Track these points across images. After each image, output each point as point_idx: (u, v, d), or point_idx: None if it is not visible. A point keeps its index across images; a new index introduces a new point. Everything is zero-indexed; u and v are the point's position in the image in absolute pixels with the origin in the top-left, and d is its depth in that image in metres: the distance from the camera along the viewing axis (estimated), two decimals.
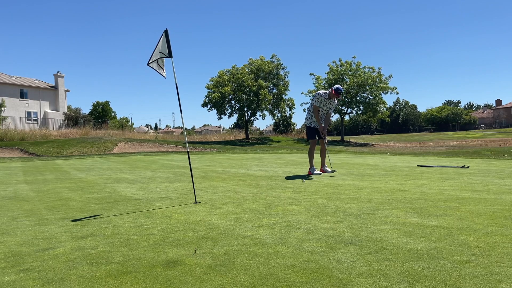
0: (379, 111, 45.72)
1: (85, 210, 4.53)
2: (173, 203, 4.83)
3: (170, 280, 2.22)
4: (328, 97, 7.92)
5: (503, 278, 2.07)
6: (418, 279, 2.10)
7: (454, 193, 4.90)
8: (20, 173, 10.66)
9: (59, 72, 50.88)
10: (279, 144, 38.31)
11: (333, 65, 45.01)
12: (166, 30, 5.05)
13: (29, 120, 46.68)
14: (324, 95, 7.95)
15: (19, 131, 34.06)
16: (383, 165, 10.00)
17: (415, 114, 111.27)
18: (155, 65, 5.00)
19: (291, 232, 3.17)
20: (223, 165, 11.80)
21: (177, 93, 5.23)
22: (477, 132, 70.04)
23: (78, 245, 2.99)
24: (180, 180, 7.64)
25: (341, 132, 49.30)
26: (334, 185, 6.01)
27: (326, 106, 8.02)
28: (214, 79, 41.57)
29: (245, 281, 2.16)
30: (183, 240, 3.05)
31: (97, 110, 57.86)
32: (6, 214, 4.42)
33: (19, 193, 6.30)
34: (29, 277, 2.35)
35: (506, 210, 3.73)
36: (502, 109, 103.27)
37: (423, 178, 6.65)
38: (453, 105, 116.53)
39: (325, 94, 7.96)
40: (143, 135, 48.43)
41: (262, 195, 5.25)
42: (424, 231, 3.05)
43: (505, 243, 2.68)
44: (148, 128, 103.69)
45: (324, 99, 7.94)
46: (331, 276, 2.18)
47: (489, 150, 17.69)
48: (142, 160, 15.98)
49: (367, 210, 3.97)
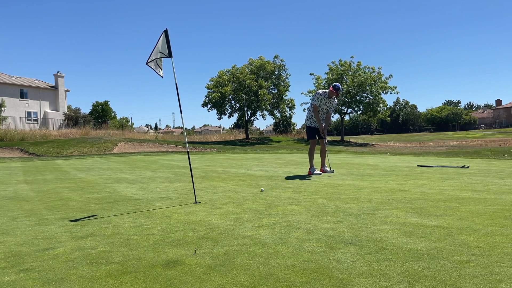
0: (379, 111, 45.70)
1: (85, 210, 4.53)
2: (173, 203, 4.83)
3: (170, 280, 2.22)
4: (328, 96, 7.93)
5: (503, 278, 2.07)
6: (418, 279, 2.10)
7: (454, 193, 4.90)
8: (20, 173, 10.66)
9: (59, 72, 50.88)
10: (279, 144, 38.30)
11: (332, 66, 44.99)
12: (166, 30, 5.05)
13: (29, 120, 46.68)
14: (324, 94, 7.95)
15: (19, 131, 34.05)
16: (383, 165, 10.00)
17: (415, 114, 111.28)
18: (153, 65, 5.00)
19: (291, 232, 3.17)
20: (223, 165, 11.80)
21: (177, 93, 5.23)
22: (477, 132, 70.04)
23: (78, 245, 2.99)
24: (180, 180, 7.64)
25: (341, 132, 49.31)
26: (334, 185, 6.00)
27: (326, 105, 8.02)
28: (214, 79, 41.56)
29: (245, 281, 2.16)
30: (183, 240, 3.05)
31: (97, 110, 57.85)
32: (6, 214, 4.42)
33: (19, 193, 6.30)
34: (29, 277, 2.35)
35: (506, 210, 3.73)
36: (502, 109, 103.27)
37: (423, 178, 6.65)
38: (453, 105, 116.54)
39: (325, 94, 7.96)
40: (143, 135, 48.42)
41: (262, 195, 5.25)
42: (424, 231, 3.05)
43: (505, 243, 2.68)
44: (148, 128, 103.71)
45: (324, 98, 7.95)
46: (331, 276, 2.18)
47: (489, 150, 17.70)
48: (142, 160, 15.98)
49: (367, 210, 3.97)
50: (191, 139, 46.66)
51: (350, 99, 44.28)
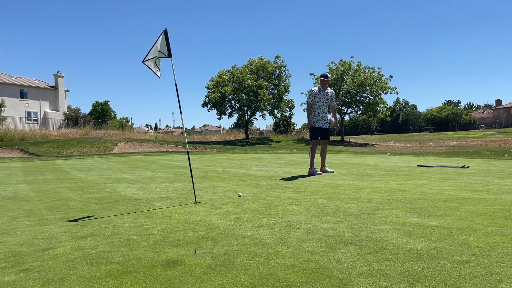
0: (379, 111, 45.72)
1: (85, 210, 4.53)
2: (173, 203, 4.83)
3: (170, 280, 2.22)
4: (322, 89, 7.86)
5: (503, 278, 2.07)
6: (418, 279, 2.10)
7: (454, 193, 4.90)
8: (20, 173, 10.66)
9: (59, 72, 50.89)
10: (279, 144, 38.30)
11: (332, 66, 44.97)
12: (165, 30, 5.05)
13: (29, 120, 46.68)
14: (318, 89, 7.90)
15: (19, 131, 34.05)
16: (383, 165, 10.00)
17: (415, 114, 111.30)
18: (151, 64, 4.99)
19: (291, 232, 3.17)
20: (223, 165, 11.80)
21: (177, 93, 5.23)
22: (477, 132, 70.05)
23: (78, 245, 2.99)
24: (180, 180, 7.64)
25: (341, 132, 49.29)
26: (334, 185, 6.00)
27: (322, 99, 7.92)
28: (214, 79, 41.56)
29: (245, 281, 2.16)
30: (183, 240, 3.05)
31: (97, 110, 57.87)
32: (6, 214, 4.42)
33: (19, 193, 6.30)
34: (29, 277, 2.35)
35: (506, 210, 3.73)
36: (502, 109, 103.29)
37: (423, 178, 6.65)
38: (453, 105, 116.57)
39: (319, 89, 7.91)
40: (143, 135, 48.42)
41: (262, 195, 5.26)
42: (424, 231, 3.05)
43: (505, 243, 2.68)
44: (148, 128, 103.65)
45: (319, 93, 7.89)
46: (331, 276, 2.18)
47: (489, 150, 17.70)
48: (142, 160, 15.98)
49: (367, 210, 3.97)
50: (191, 139, 46.66)
51: (350, 99, 44.28)
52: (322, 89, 7.89)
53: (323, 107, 7.99)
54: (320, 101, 7.92)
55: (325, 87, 7.90)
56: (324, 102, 7.94)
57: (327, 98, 7.94)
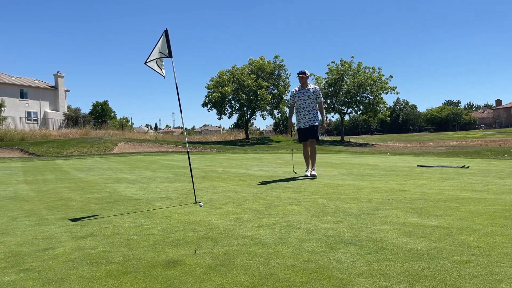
0: (379, 111, 45.72)
1: (85, 210, 4.53)
2: (173, 203, 4.83)
3: (170, 280, 2.22)
4: (301, 87, 7.46)
5: (503, 278, 2.07)
6: (418, 279, 2.10)
7: (454, 193, 4.90)
8: (20, 173, 10.66)
9: (59, 72, 50.88)
10: (279, 144, 38.30)
11: (332, 66, 44.97)
12: (166, 30, 5.05)
13: (29, 120, 46.68)
14: (298, 88, 7.49)
15: (19, 131, 34.05)
16: (383, 165, 10.00)
17: (415, 114, 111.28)
18: (154, 65, 4.99)
19: (291, 232, 3.17)
20: (223, 165, 11.80)
21: (177, 93, 5.23)
22: (477, 132, 70.05)
23: (78, 245, 2.99)
24: (180, 180, 7.64)
25: (341, 132, 49.31)
26: (334, 185, 6.01)
27: (302, 98, 7.42)
28: (214, 79, 41.57)
29: (245, 281, 2.16)
30: (183, 240, 3.05)
31: (97, 110, 57.85)
32: (6, 214, 4.42)
33: (19, 193, 6.30)
34: (29, 277, 2.35)
35: (506, 210, 3.73)
36: (502, 109, 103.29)
37: (423, 178, 6.65)
38: (453, 105, 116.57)
39: (299, 88, 7.51)
40: (143, 135, 48.43)
41: (262, 195, 5.25)
42: (424, 231, 3.05)
43: (505, 243, 2.68)
44: (148, 128, 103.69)
45: (298, 91, 7.46)
46: (331, 276, 2.18)
47: (489, 150, 17.69)
48: (142, 160, 15.97)
49: (367, 210, 3.97)
50: (191, 139, 46.66)
51: (350, 99, 44.27)
52: (302, 87, 7.47)
53: (305, 105, 7.45)
54: (300, 99, 7.46)
55: (304, 85, 7.44)
56: (305, 100, 7.42)
57: (309, 95, 7.39)
